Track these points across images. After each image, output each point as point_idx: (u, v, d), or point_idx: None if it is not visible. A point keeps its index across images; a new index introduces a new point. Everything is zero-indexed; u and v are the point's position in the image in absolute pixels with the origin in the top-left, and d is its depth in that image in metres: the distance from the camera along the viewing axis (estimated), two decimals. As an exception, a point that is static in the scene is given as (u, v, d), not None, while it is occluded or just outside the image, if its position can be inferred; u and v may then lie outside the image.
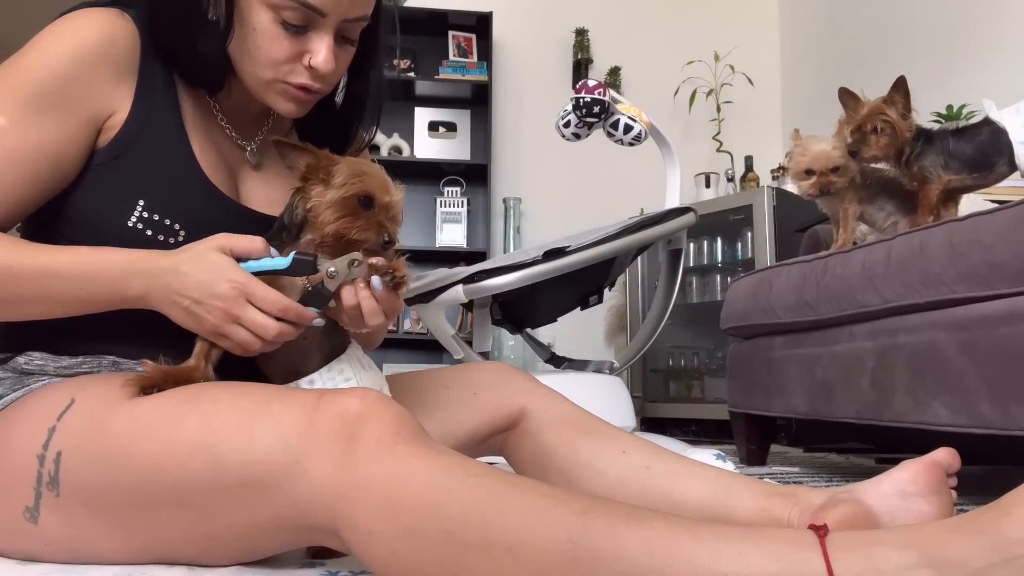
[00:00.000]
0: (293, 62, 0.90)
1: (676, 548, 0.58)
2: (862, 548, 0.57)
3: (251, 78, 0.92)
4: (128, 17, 0.90)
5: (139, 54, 0.90)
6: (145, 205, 0.87)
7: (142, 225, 0.87)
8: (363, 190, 0.84)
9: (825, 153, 1.82)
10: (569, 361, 2.43)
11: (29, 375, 0.87)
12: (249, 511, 0.71)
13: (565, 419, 0.99)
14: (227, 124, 0.99)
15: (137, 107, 0.89)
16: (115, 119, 0.88)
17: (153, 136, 0.89)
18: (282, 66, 0.89)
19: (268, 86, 0.91)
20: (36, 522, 0.77)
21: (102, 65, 0.86)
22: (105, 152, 0.88)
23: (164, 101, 0.91)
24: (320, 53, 0.89)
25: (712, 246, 3.60)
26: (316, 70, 0.90)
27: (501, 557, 0.61)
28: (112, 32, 0.87)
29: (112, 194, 0.87)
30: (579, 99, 2.13)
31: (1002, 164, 1.62)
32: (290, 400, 0.72)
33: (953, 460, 0.82)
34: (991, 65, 2.95)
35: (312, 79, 0.91)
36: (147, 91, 0.90)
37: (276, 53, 0.89)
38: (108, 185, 0.87)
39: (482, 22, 4.03)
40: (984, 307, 1.31)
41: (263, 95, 0.93)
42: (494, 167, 4.03)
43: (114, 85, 0.88)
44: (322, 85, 0.93)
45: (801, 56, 4.29)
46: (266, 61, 0.89)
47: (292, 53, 0.89)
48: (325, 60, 0.89)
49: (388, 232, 0.84)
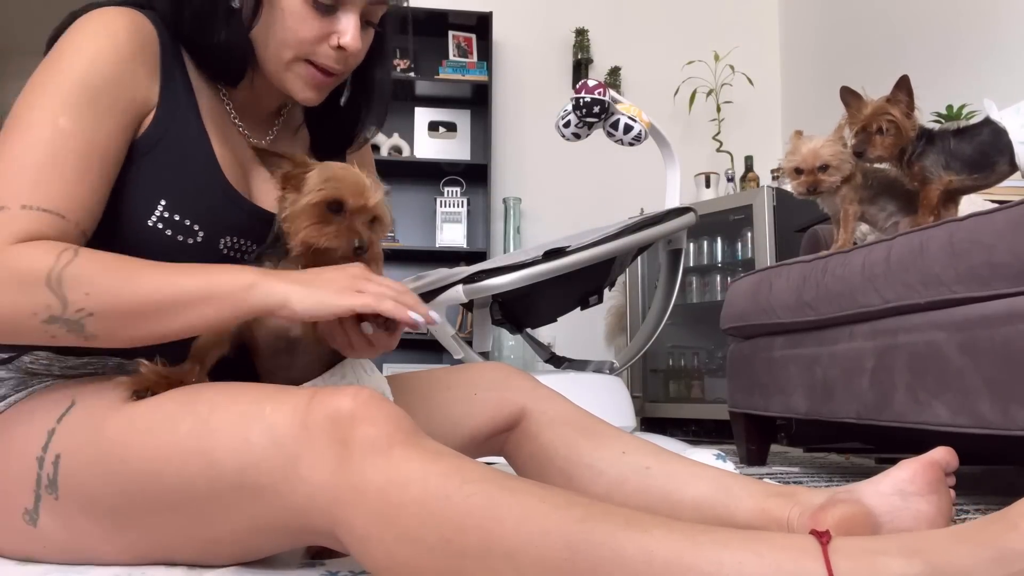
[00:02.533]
0: (320, 42, 0.91)
1: (676, 557, 0.58)
2: (865, 556, 0.56)
3: (273, 61, 0.92)
4: (144, 16, 0.90)
5: (159, 53, 0.90)
6: (167, 205, 0.86)
7: (162, 225, 0.86)
8: (331, 195, 0.82)
9: (813, 151, 1.82)
10: (569, 361, 2.43)
11: (34, 375, 0.87)
12: (246, 514, 0.71)
13: (565, 419, 0.99)
14: (240, 122, 0.99)
15: (163, 105, 0.89)
16: (150, 116, 0.88)
17: (177, 135, 0.89)
18: (308, 46, 0.90)
19: (289, 67, 0.92)
20: (35, 524, 0.77)
21: (140, 61, 0.87)
22: (135, 147, 0.87)
23: (186, 100, 0.91)
24: (348, 32, 0.90)
25: (712, 246, 3.60)
26: (344, 49, 0.91)
27: (499, 565, 0.60)
28: (141, 29, 0.88)
29: (136, 192, 0.86)
30: (579, 99, 2.13)
31: (1003, 164, 1.61)
32: (283, 401, 0.72)
33: (951, 459, 0.82)
34: (991, 65, 2.94)
35: (338, 60, 0.92)
36: (170, 90, 0.90)
37: (305, 32, 0.90)
38: (134, 182, 0.86)
39: (482, 22, 4.03)
40: (984, 307, 1.31)
41: (283, 80, 0.93)
42: (494, 167, 4.03)
43: (150, 81, 0.88)
44: (344, 68, 0.94)
45: (801, 56, 4.28)
46: (294, 42, 0.90)
47: (320, 33, 0.90)
48: (353, 38, 0.91)
49: (359, 237, 0.82)
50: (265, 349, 0.87)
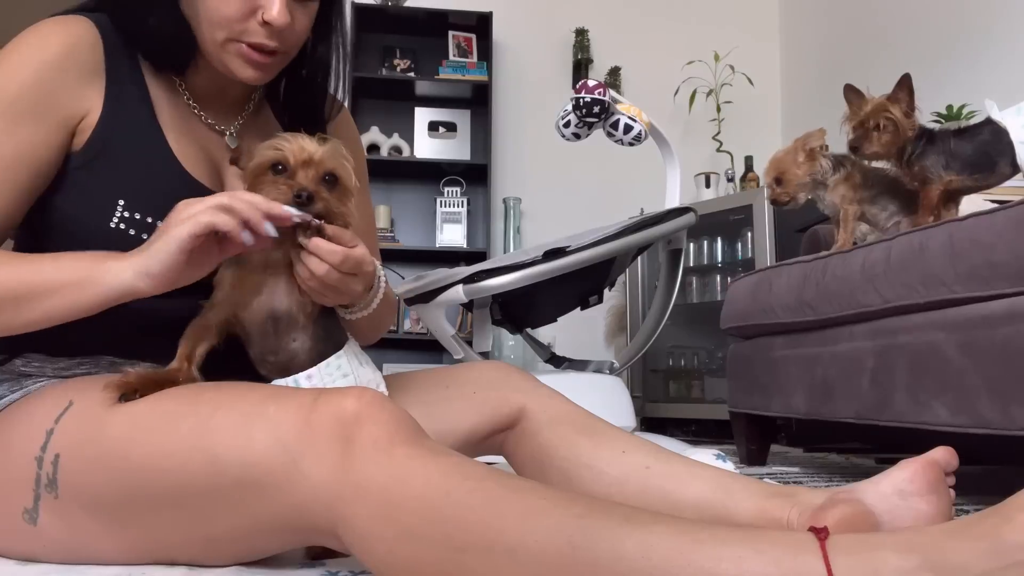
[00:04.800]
0: (246, 19, 0.88)
1: (676, 552, 0.58)
2: (862, 552, 0.56)
3: (208, 43, 0.90)
4: (89, 21, 0.90)
5: (103, 56, 0.90)
6: (125, 205, 0.87)
7: (124, 225, 0.87)
8: (272, 158, 0.83)
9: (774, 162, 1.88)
10: (569, 361, 2.43)
11: (27, 377, 0.87)
12: (248, 512, 0.71)
13: (565, 419, 0.99)
14: (201, 112, 0.98)
15: (107, 108, 0.89)
16: (87, 121, 0.88)
17: (126, 135, 0.89)
18: (235, 24, 0.88)
19: (223, 48, 0.90)
20: (35, 523, 0.77)
21: (67, 68, 0.87)
22: (81, 155, 0.88)
23: (134, 99, 0.91)
24: (273, 7, 0.87)
25: (712, 246, 3.60)
26: (271, 25, 0.87)
27: (500, 560, 0.61)
28: (73, 37, 0.88)
29: (92, 197, 0.87)
30: (579, 99, 2.13)
31: (1004, 164, 1.61)
32: (287, 401, 0.72)
33: (951, 459, 0.82)
34: (991, 65, 2.94)
35: (268, 37, 0.89)
36: (116, 91, 0.90)
37: (227, 10, 0.87)
38: (87, 188, 0.87)
39: (482, 22, 4.03)
40: (984, 307, 1.31)
41: (221, 60, 0.91)
42: (494, 167, 4.03)
43: (82, 88, 0.88)
44: (279, 43, 0.90)
45: (801, 56, 4.28)
46: (218, 20, 0.87)
47: (244, 10, 0.87)
48: (280, 12, 0.87)
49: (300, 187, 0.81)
50: (254, 333, 0.87)
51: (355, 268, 0.82)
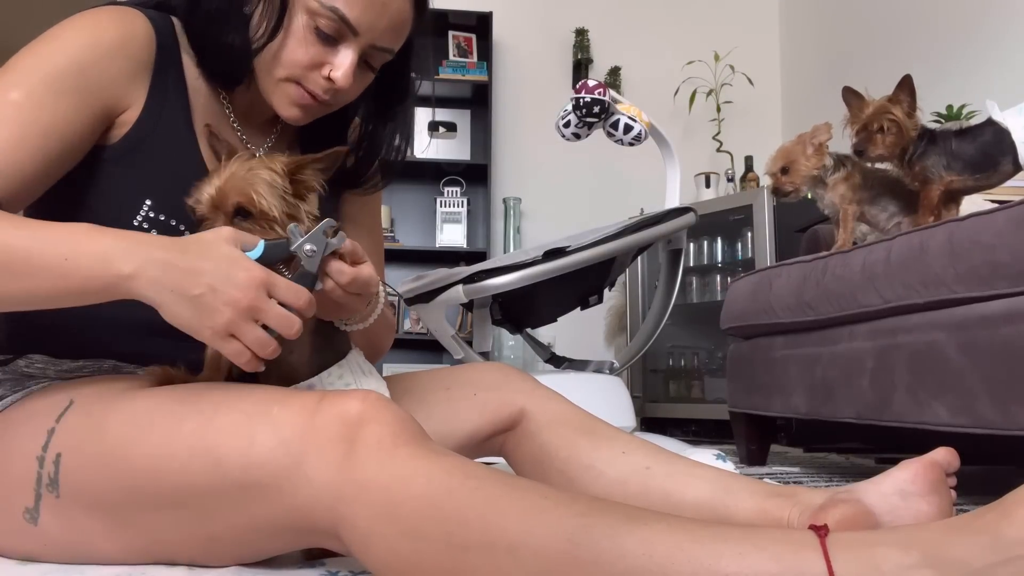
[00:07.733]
0: (313, 70, 0.91)
1: (677, 549, 0.58)
2: (863, 548, 0.57)
3: (266, 72, 0.92)
4: (146, 18, 0.91)
5: (155, 55, 0.90)
6: (152, 205, 0.88)
7: (147, 225, 0.88)
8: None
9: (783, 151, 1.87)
10: (569, 361, 2.43)
11: (30, 378, 0.87)
12: (249, 513, 0.71)
13: (565, 420, 0.99)
14: (239, 127, 0.99)
15: (150, 106, 0.90)
16: (128, 115, 0.89)
17: (164, 136, 0.90)
18: (300, 70, 0.91)
19: (278, 85, 0.92)
20: (36, 523, 0.77)
21: (120, 58, 0.87)
22: (116, 149, 0.88)
23: (175, 103, 0.92)
24: (342, 68, 0.90)
25: (712, 246, 3.60)
26: (333, 83, 0.91)
27: (502, 558, 0.61)
28: (131, 28, 0.88)
29: (120, 192, 0.88)
30: (579, 99, 2.13)
31: (1006, 164, 1.61)
32: (290, 402, 0.72)
33: (952, 459, 0.82)
34: (991, 65, 2.95)
35: (326, 91, 0.92)
36: (160, 91, 0.90)
37: (300, 56, 0.90)
38: (117, 183, 0.88)
39: (482, 22, 4.03)
40: (984, 307, 1.31)
41: (271, 94, 0.93)
42: (494, 167, 4.03)
43: (130, 80, 0.88)
44: (332, 99, 0.94)
45: (801, 56, 4.29)
46: (287, 60, 0.90)
47: (314, 61, 0.90)
48: (344, 75, 0.90)
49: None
50: None
51: (361, 289, 0.81)
